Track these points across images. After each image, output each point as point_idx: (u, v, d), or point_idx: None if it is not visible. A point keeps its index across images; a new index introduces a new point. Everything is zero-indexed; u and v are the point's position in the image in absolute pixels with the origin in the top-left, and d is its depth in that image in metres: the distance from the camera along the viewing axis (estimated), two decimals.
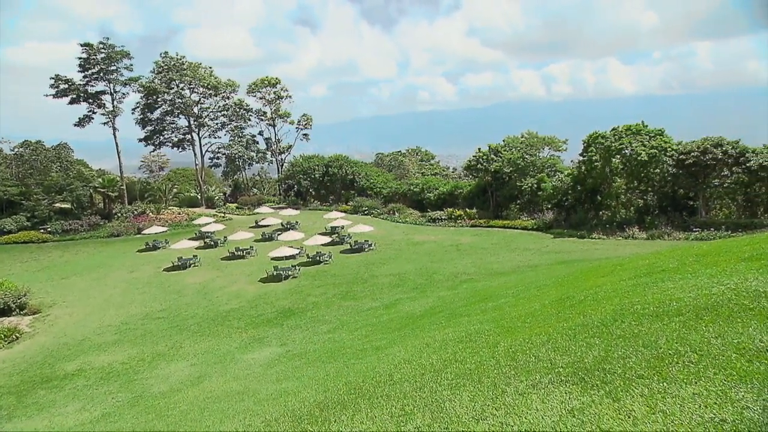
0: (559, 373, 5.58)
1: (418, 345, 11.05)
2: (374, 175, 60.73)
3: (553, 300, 11.85)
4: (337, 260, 35.47)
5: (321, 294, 27.95)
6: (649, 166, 36.36)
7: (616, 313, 8.13)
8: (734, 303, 6.75)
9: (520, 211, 45.51)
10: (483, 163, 47.76)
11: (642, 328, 6.72)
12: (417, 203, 53.77)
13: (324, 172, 62.08)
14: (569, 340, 7.01)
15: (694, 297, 7.73)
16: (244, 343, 20.94)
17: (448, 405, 5.38)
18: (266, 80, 69.16)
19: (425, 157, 79.30)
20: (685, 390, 4.40)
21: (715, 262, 10.79)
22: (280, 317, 24.47)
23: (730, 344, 5.21)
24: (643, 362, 5.30)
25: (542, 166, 46.21)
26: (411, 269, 31.27)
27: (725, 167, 34.29)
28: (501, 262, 30.88)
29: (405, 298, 24.70)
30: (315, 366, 13.01)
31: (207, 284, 32.19)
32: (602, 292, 10.82)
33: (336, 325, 21.57)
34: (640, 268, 13.04)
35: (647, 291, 9.51)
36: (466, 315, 14.06)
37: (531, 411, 4.69)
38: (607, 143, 37.33)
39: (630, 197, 40.03)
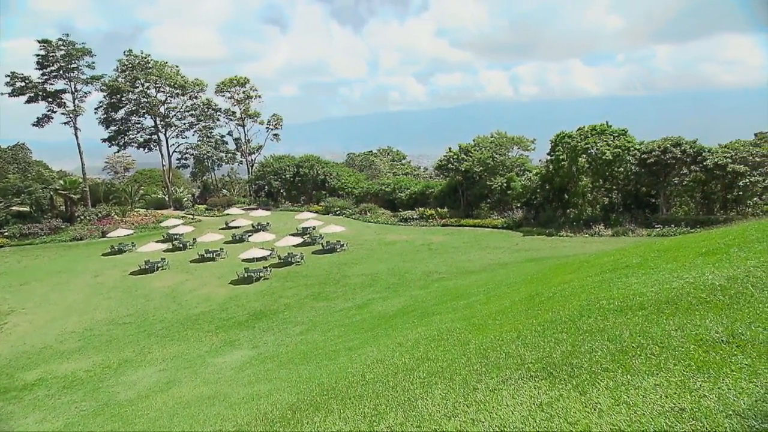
0: (528, 368, 5.70)
1: (390, 344, 11.09)
2: (346, 176, 60.58)
3: (522, 297, 12.08)
4: (309, 261, 35.25)
5: (293, 295, 27.73)
6: (614, 165, 37.44)
7: (582, 308, 8.35)
8: (692, 296, 7.02)
9: (491, 210, 46.12)
10: (453, 163, 48.23)
11: (607, 322, 6.93)
12: (389, 203, 53.89)
13: (295, 172, 61.56)
14: (538, 336, 7.16)
15: (656, 291, 8.01)
16: (215, 347, 20.59)
17: (420, 403, 5.42)
18: (235, 79, 68.11)
19: (396, 157, 79.56)
20: (647, 381, 4.55)
21: (675, 257, 11.21)
22: (251, 319, 24.16)
23: (688, 336, 5.41)
24: (608, 356, 5.46)
25: (511, 165, 46.97)
26: (383, 269, 31.33)
27: (684, 166, 35.61)
28: (472, 260, 31.26)
29: (377, 297, 24.74)
30: (287, 368, 12.91)
31: (176, 287, 31.50)
32: (570, 288, 11.09)
33: (308, 326, 21.44)
34: (606, 264, 13.42)
35: (612, 286, 9.80)
36: (438, 314, 14.19)
37: (501, 407, 4.77)
38: (573, 143, 38.24)
39: (596, 195, 41.09)
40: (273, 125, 71.91)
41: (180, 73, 64.56)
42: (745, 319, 5.58)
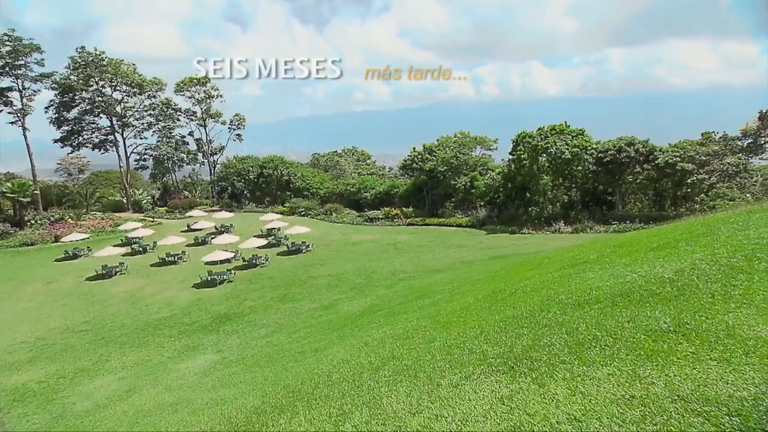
0: (490, 363, 5.85)
1: (356, 344, 11.12)
2: (310, 176, 60.16)
3: (486, 294, 12.33)
4: (274, 262, 34.84)
5: (258, 297, 27.35)
6: (572, 163, 38.61)
7: (543, 303, 8.61)
8: (644, 289, 7.37)
9: (455, 208, 46.77)
10: (418, 163, 48.66)
11: (565, 316, 7.18)
12: (354, 203, 53.87)
13: (259, 173, 60.68)
14: (500, 332, 7.34)
15: (611, 285, 8.35)
16: (178, 352, 20.09)
17: (386, 401, 5.48)
18: (195, 78, 66.44)
19: (361, 157, 79.53)
20: (601, 371, 4.76)
21: (629, 252, 11.69)
22: (215, 323, 23.69)
23: (639, 327, 5.69)
24: (565, 348, 5.67)
25: (475, 164, 47.76)
26: (349, 269, 31.31)
27: (637, 165, 37.11)
28: (437, 259, 31.62)
29: (344, 298, 24.71)
30: (253, 371, 12.75)
31: (135, 292, 30.54)
32: (531, 284, 11.40)
33: (274, 328, 21.21)
34: (565, 260, 13.86)
35: (571, 282, 10.14)
36: (404, 312, 14.32)
37: (464, 402, 4.88)
38: (534, 142, 39.23)
39: (556, 193, 42.29)
40: (236, 125, 70.63)
41: (137, 72, 62.54)
42: (690, 309, 5.90)
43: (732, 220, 11.39)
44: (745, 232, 9.49)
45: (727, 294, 6.20)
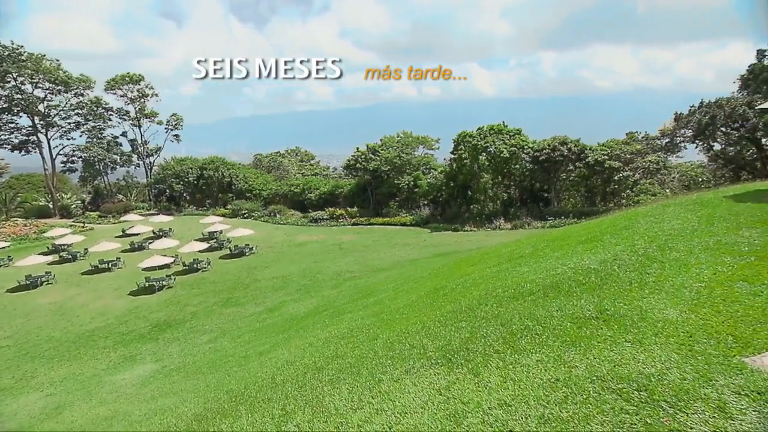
0: (429, 357, 6.05)
1: (301, 345, 11.10)
2: (253, 177, 58.85)
3: (428, 290, 12.64)
4: (217, 266, 33.87)
5: (200, 303, 26.51)
6: (511, 162, 40.09)
7: (481, 297, 8.97)
8: (572, 280, 7.86)
9: (399, 207, 47.31)
10: (362, 163, 48.80)
11: (501, 309, 7.53)
12: (298, 204, 53.27)
13: (199, 175, 58.64)
14: (440, 326, 7.59)
15: (543, 278, 8.84)
16: (113, 364, 19.14)
17: (328, 399, 5.56)
18: (128, 76, 63.23)
19: (305, 158, 78.69)
20: (530, 358, 5.06)
21: (560, 246, 12.37)
22: (154, 331, 22.75)
23: (566, 315, 6.08)
24: (500, 339, 5.97)
25: (418, 164, 48.51)
26: (294, 271, 30.98)
27: (570, 163, 39.08)
28: (382, 258, 31.91)
29: (289, 300, 24.45)
30: (195, 378, 12.41)
31: (65, 303, 28.72)
32: (471, 279, 11.81)
33: (217, 333, 20.67)
34: (503, 255, 14.45)
35: (507, 276, 10.61)
36: (349, 312, 14.40)
37: (404, 395, 5.04)
38: (474, 142, 40.37)
39: (496, 191, 43.70)
40: (173, 125, 67.84)
41: (62, 68, 58.60)
42: (610, 296, 6.38)
43: (650, 213, 12.33)
44: (660, 225, 10.33)
45: (642, 281, 6.75)
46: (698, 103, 33.24)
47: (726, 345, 4.47)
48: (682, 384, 3.92)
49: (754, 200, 10.52)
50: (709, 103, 32.38)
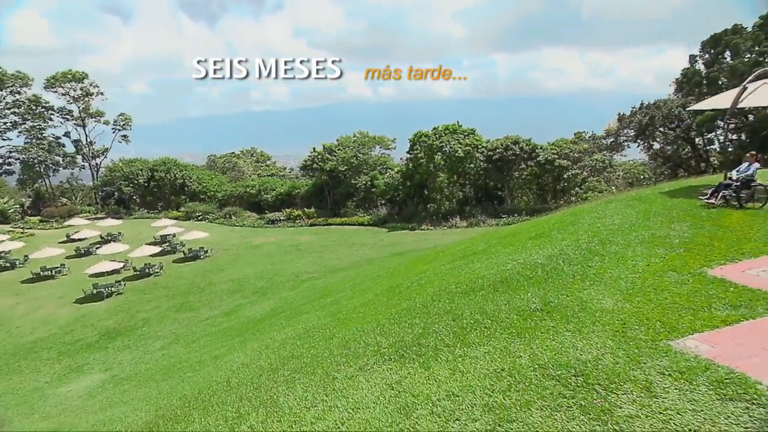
0: (383, 353, 6.17)
1: (257, 348, 11.01)
2: (207, 178, 57.36)
3: (384, 289, 12.78)
4: (170, 271, 32.88)
5: (152, 308, 25.69)
6: (465, 161, 40.89)
7: (435, 294, 9.17)
8: (521, 275, 8.17)
9: (357, 207, 47.34)
10: (318, 163, 48.54)
11: (453, 304, 7.74)
12: (254, 205, 52.39)
13: (150, 176, 56.58)
14: (395, 323, 7.73)
15: (494, 273, 9.13)
16: (58, 376, 18.29)
17: (282, 399, 5.58)
18: (70, 74, 60.16)
19: (261, 158, 77.37)
20: (478, 351, 5.27)
21: (511, 242, 12.78)
22: (103, 339, 21.88)
23: (513, 308, 6.35)
24: (450, 333, 6.16)
25: (374, 164, 48.71)
26: (251, 273, 30.51)
27: (522, 162, 40.28)
28: (340, 258, 31.89)
29: (245, 303, 24.08)
30: (147, 386, 12.08)
31: (3, 313, 27.13)
32: (426, 277, 12.03)
33: (171, 339, 20.12)
34: (457, 253, 14.77)
35: (461, 272, 10.88)
36: (306, 312, 14.37)
37: (357, 391, 5.14)
38: (429, 141, 40.94)
39: (452, 190, 44.46)
40: (120, 125, 65.09)
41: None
42: (554, 289, 6.70)
43: (594, 210, 12.94)
44: (602, 220, 10.86)
45: (584, 274, 7.12)
46: (639, 105, 35.01)
47: (655, 330, 4.81)
48: (614, 368, 4.20)
49: (686, 196, 11.24)
50: (649, 104, 34.17)
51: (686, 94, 31.23)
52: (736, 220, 8.60)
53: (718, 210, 9.39)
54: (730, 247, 7.15)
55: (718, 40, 30.21)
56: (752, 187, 9.46)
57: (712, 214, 9.22)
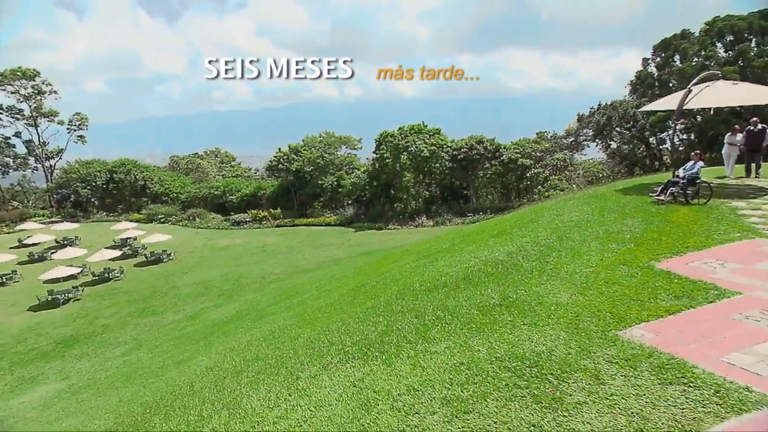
0: (347, 352, 6.24)
1: (222, 351, 10.88)
2: (170, 180, 55.92)
3: (350, 288, 12.83)
4: (131, 275, 31.93)
5: (113, 314, 24.90)
6: (431, 161, 41.30)
7: (399, 292, 9.29)
8: (482, 272, 8.38)
9: (324, 208, 47.12)
10: (284, 163, 48.06)
11: (417, 302, 7.87)
12: (219, 207, 51.43)
13: (108, 178, 54.70)
14: (359, 322, 7.80)
15: (457, 270, 9.31)
16: (10, 387, 17.50)
17: (246, 401, 5.57)
18: (19, 71, 57.45)
19: (225, 159, 75.93)
20: (439, 346, 5.40)
21: (474, 240, 13.05)
22: (59, 348, 21.07)
23: (474, 304, 6.52)
24: (413, 330, 6.27)
25: (341, 164, 48.59)
26: (216, 275, 29.96)
27: (487, 161, 41.00)
28: (307, 259, 31.69)
29: (211, 306, 23.65)
30: (106, 394, 11.74)
31: None
32: (391, 276, 12.14)
33: (132, 345, 19.57)
34: (422, 251, 14.96)
35: (425, 270, 11.04)
36: (272, 314, 14.26)
37: (320, 390, 5.19)
38: (395, 141, 41.16)
39: (418, 190, 44.83)
40: (76, 125, 62.66)
41: None
42: (513, 285, 6.91)
43: (553, 207, 13.35)
44: (561, 217, 11.23)
45: (541, 269, 7.37)
46: (597, 105, 36.22)
47: (605, 321, 5.05)
48: (566, 358, 4.40)
49: (638, 193, 11.74)
50: (606, 105, 35.40)
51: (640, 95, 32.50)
52: (682, 215, 9.05)
53: (667, 206, 9.85)
54: (676, 241, 7.53)
55: (668, 44, 31.59)
56: (697, 184, 9.97)
57: (661, 210, 9.67)
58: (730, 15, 29.88)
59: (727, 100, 11.46)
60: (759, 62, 26.86)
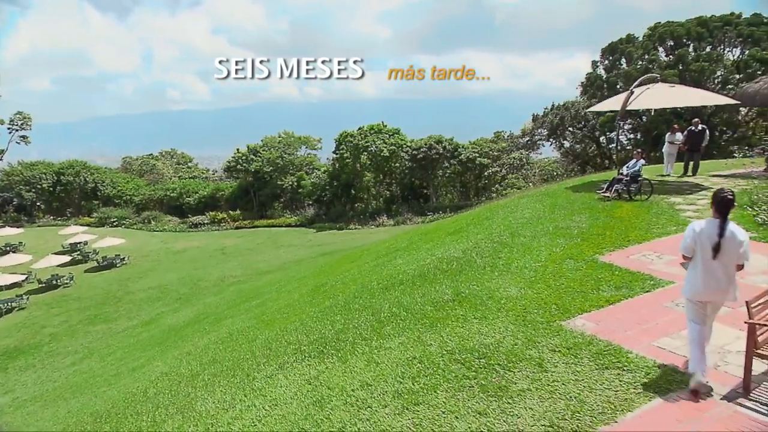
0: (303, 351, 6.26)
1: (178, 356, 10.65)
2: (122, 182, 53.92)
3: (310, 289, 12.80)
4: (82, 281, 30.63)
5: (61, 323, 23.83)
6: (391, 161, 41.54)
7: (357, 291, 9.36)
8: (438, 269, 8.56)
9: (284, 209, 46.61)
10: (243, 164, 47.23)
11: (374, 300, 7.97)
12: (176, 209, 50.02)
13: (55, 181, 52.24)
14: (317, 322, 7.83)
15: (414, 268, 9.47)
16: None
17: (200, 404, 5.52)
18: None
19: (182, 160, 73.80)
20: (393, 342, 5.51)
21: (432, 238, 13.27)
22: (1, 360, 20.03)
23: (428, 300, 6.66)
24: (369, 328, 6.36)
25: (300, 164, 48.17)
26: (173, 279, 29.15)
27: (446, 160, 41.59)
28: (267, 260, 31.27)
29: (167, 310, 23.00)
30: (54, 406, 11.28)
31: None
32: (350, 275, 12.20)
33: (83, 354, 18.81)
34: (381, 251, 15.09)
35: (383, 269, 11.16)
36: (231, 317, 14.04)
37: (276, 389, 5.20)
38: (355, 141, 41.16)
39: (379, 189, 44.99)
40: (18, 125, 59.48)
41: None
42: (466, 280, 7.10)
43: (508, 205, 13.74)
44: (514, 215, 11.58)
45: (494, 265, 7.60)
46: (550, 106, 37.37)
47: (550, 313, 5.29)
48: (513, 348, 4.59)
49: (587, 190, 12.24)
50: (559, 105, 36.57)
51: (590, 96, 33.73)
52: (625, 211, 9.52)
53: (612, 202, 10.34)
54: (619, 236, 7.93)
55: (615, 48, 32.95)
56: (639, 181, 10.50)
57: (607, 206, 10.14)
58: (670, 21, 31.46)
59: (664, 102, 12.14)
60: (696, 66, 28.40)
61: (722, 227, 3.68)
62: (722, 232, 3.67)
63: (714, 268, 3.72)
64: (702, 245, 3.76)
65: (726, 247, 3.67)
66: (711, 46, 29.42)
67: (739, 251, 3.68)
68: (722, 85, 28.15)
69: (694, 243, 3.80)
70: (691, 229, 3.86)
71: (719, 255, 3.68)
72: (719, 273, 3.72)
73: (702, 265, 3.77)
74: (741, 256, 3.69)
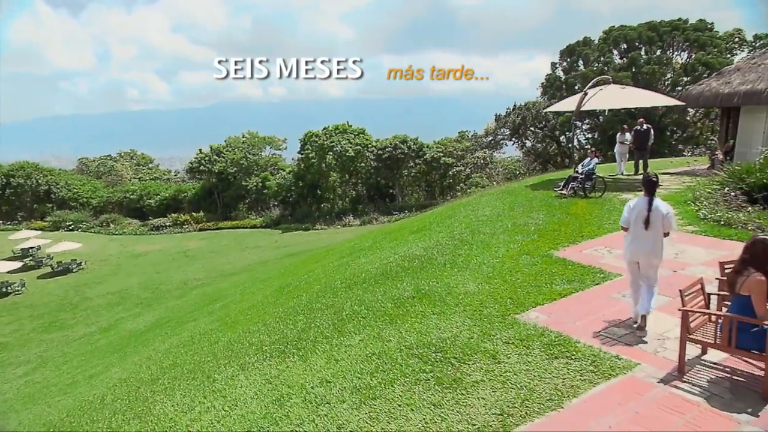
0: (265, 351, 6.25)
1: (138, 361, 10.39)
2: (78, 184, 51.95)
3: (274, 290, 12.71)
4: (34, 287, 29.36)
5: (12, 331, 22.79)
6: (356, 161, 41.57)
7: (320, 291, 9.37)
8: (400, 266, 8.66)
9: (249, 210, 45.96)
10: (206, 165, 46.29)
11: (336, 299, 8.00)
12: (136, 211, 48.57)
13: (5, 183, 49.90)
14: (280, 322, 7.81)
15: (377, 266, 9.55)
16: None
17: (159, 408, 5.44)
18: None
19: (142, 161, 71.66)
20: (354, 339, 5.57)
21: (395, 237, 13.39)
22: None
23: (389, 298, 6.75)
24: (330, 326, 6.40)
25: (265, 165, 47.61)
26: (134, 284, 28.32)
27: (411, 160, 41.93)
28: (232, 262, 30.78)
29: (127, 316, 22.35)
30: (4, 419, 10.82)
31: None
32: (314, 275, 12.18)
33: (36, 364, 18.05)
34: (345, 250, 15.11)
35: (347, 268, 11.19)
36: (194, 320, 13.79)
37: (236, 389, 5.19)
38: (320, 141, 41.00)
39: (345, 189, 44.93)
40: None
41: None
42: (427, 277, 7.23)
43: (470, 203, 14.00)
44: (475, 213, 11.82)
45: (453, 262, 7.77)
46: (512, 106, 38.23)
47: (505, 307, 5.46)
48: (469, 342, 4.73)
49: (545, 188, 12.62)
50: (521, 106, 37.47)
51: (550, 97, 34.68)
52: (581, 207, 9.88)
53: (568, 200, 10.70)
54: (574, 231, 8.24)
55: (573, 50, 34.01)
56: (593, 179, 10.92)
57: (563, 203, 10.49)
58: (623, 25, 32.71)
59: (615, 103, 12.66)
60: (647, 68, 29.64)
61: (650, 203, 4.57)
62: (650, 206, 4.56)
63: (644, 235, 4.60)
64: (635, 218, 4.65)
65: (653, 219, 4.55)
66: (661, 50, 30.71)
67: (663, 221, 4.55)
68: (672, 86, 29.44)
69: (630, 216, 4.69)
70: (627, 206, 4.80)
71: (649, 226, 4.56)
72: (649, 238, 4.59)
73: (634, 233, 4.67)
74: (666, 225, 4.58)
